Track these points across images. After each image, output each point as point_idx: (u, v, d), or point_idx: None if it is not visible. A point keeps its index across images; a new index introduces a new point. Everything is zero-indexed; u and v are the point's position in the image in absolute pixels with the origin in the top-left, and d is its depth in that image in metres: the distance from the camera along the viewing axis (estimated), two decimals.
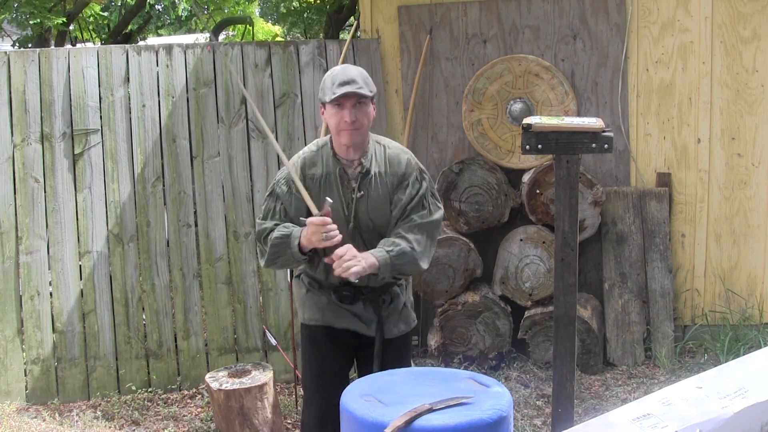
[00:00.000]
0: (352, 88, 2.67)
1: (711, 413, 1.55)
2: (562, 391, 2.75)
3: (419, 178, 2.85)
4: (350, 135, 2.73)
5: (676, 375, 4.41)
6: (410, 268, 2.74)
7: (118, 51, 4.65)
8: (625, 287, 4.68)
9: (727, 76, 4.66)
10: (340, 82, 2.68)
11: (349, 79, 2.69)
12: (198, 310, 4.68)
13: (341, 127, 2.72)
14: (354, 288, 2.80)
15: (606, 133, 2.67)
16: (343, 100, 2.69)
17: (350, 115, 2.69)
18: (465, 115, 4.78)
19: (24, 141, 4.50)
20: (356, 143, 2.77)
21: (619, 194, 4.72)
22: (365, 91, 2.71)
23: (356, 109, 2.70)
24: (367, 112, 2.75)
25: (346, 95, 2.67)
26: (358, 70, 2.77)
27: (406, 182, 2.82)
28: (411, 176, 2.83)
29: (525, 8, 4.77)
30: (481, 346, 4.59)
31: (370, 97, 2.75)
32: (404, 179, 2.82)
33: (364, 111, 2.74)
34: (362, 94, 2.70)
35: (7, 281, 4.46)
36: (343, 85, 2.67)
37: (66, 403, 4.45)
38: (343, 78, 2.69)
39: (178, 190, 4.64)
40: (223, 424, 3.76)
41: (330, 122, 2.76)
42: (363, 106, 2.73)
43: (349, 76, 2.71)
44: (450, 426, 2.03)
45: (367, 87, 2.72)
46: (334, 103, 2.70)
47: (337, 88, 2.68)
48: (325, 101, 2.73)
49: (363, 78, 2.74)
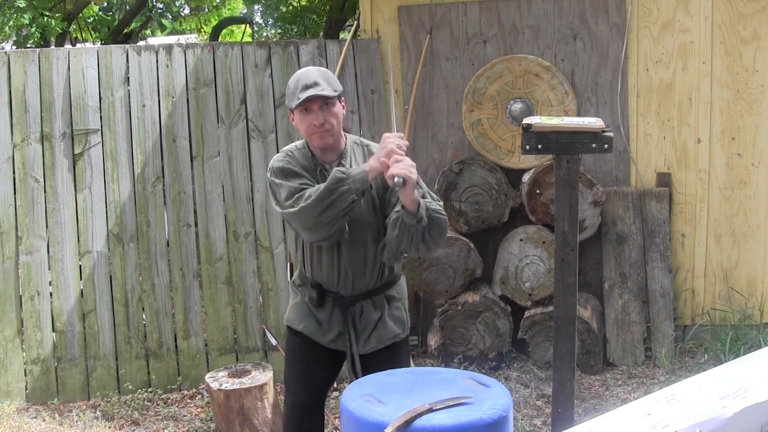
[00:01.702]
0: (315, 91, 2.63)
1: (711, 413, 1.55)
2: (562, 391, 2.75)
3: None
4: (321, 137, 2.69)
5: (676, 375, 4.41)
6: (439, 233, 2.65)
7: (118, 51, 4.65)
8: (625, 287, 4.68)
9: (727, 76, 4.66)
10: (302, 86, 2.65)
11: (311, 82, 2.65)
12: (198, 310, 4.68)
13: (311, 131, 2.69)
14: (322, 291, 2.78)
15: (606, 133, 2.67)
16: (309, 103, 2.65)
17: (318, 117, 2.66)
18: (465, 115, 4.78)
19: (24, 141, 4.50)
20: (329, 144, 2.73)
21: (619, 194, 4.72)
22: (329, 92, 2.66)
23: (323, 111, 2.67)
24: (335, 113, 2.70)
25: (310, 98, 2.64)
26: (320, 71, 2.73)
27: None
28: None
29: (525, 8, 4.77)
30: (481, 346, 4.59)
31: (336, 96, 2.70)
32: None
33: (331, 111, 2.69)
34: (326, 96, 2.66)
35: (7, 281, 4.46)
36: (306, 89, 2.64)
37: (66, 403, 4.46)
38: (306, 81, 2.66)
39: (178, 190, 4.64)
40: (223, 424, 3.76)
41: (300, 127, 2.73)
42: (330, 107, 2.69)
43: (311, 79, 2.67)
44: (450, 426, 2.03)
45: (330, 87, 2.68)
46: (301, 108, 2.67)
47: (300, 92, 2.65)
48: (291, 107, 2.71)
49: (326, 78, 2.69)
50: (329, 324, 2.82)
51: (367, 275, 2.77)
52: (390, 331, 2.83)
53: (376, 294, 2.82)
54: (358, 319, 2.80)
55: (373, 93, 4.83)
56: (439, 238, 2.66)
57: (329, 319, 2.81)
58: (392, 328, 2.83)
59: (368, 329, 2.80)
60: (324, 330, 2.82)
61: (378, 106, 4.83)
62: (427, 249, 2.66)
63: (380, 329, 2.81)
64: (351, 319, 2.79)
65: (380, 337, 2.81)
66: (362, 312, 2.80)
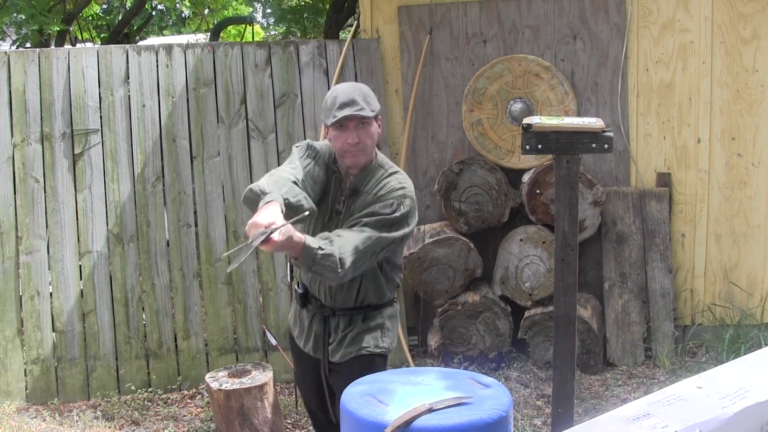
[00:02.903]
0: (352, 110, 2.56)
1: (711, 413, 1.55)
2: (562, 391, 2.75)
3: (401, 202, 2.61)
4: (354, 156, 2.63)
5: (676, 375, 4.41)
6: (328, 277, 2.45)
7: (118, 51, 4.65)
8: (625, 287, 4.68)
9: (727, 76, 4.66)
10: (340, 104, 2.58)
11: (350, 100, 2.58)
12: (198, 310, 4.68)
13: (344, 149, 2.62)
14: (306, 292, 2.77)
15: (606, 133, 2.67)
16: (345, 122, 2.59)
17: (353, 137, 2.59)
18: (465, 115, 4.78)
19: (24, 141, 4.50)
20: (360, 164, 2.67)
21: (619, 194, 4.72)
22: (367, 112, 2.59)
23: (359, 130, 2.60)
24: (370, 133, 2.63)
25: (346, 118, 2.57)
26: (360, 90, 2.65)
27: (386, 200, 2.61)
28: (393, 196, 2.62)
29: (525, 8, 4.77)
30: (481, 346, 4.59)
31: (373, 116, 2.63)
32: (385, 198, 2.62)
33: (367, 131, 2.62)
34: (364, 116, 2.59)
35: (7, 281, 4.46)
36: (344, 107, 2.57)
37: (66, 403, 4.45)
38: (344, 99, 2.59)
39: (178, 190, 4.64)
40: (223, 424, 3.76)
41: (334, 144, 2.66)
42: (366, 126, 2.61)
43: (349, 96, 2.59)
44: (450, 426, 2.03)
45: (369, 107, 2.61)
46: (336, 126, 2.60)
47: (337, 111, 2.58)
48: (327, 125, 2.64)
49: (364, 97, 2.62)
50: (309, 329, 2.80)
51: (344, 291, 2.69)
52: (366, 342, 2.72)
53: (357, 313, 2.73)
54: (334, 328, 2.75)
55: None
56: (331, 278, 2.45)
57: (310, 325, 2.80)
58: (368, 340, 2.72)
59: (344, 339, 2.72)
60: (305, 336, 2.82)
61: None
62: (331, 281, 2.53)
63: (356, 340, 2.71)
64: (329, 327, 2.75)
65: (354, 347, 2.71)
66: (339, 323, 2.74)
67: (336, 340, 2.74)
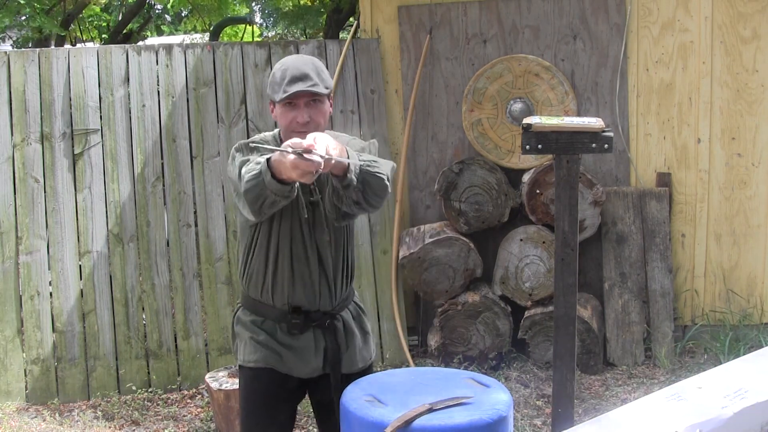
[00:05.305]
0: (305, 85, 2.30)
1: (711, 413, 1.55)
2: (562, 391, 2.75)
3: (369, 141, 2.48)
4: (303, 136, 2.13)
5: (676, 375, 4.41)
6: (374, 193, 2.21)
7: (118, 51, 4.65)
8: (625, 287, 4.68)
9: (727, 76, 4.66)
10: (291, 78, 2.31)
11: (302, 74, 2.32)
12: (198, 310, 4.68)
13: (292, 128, 2.34)
14: (304, 314, 2.43)
15: (606, 133, 2.67)
16: (296, 98, 2.33)
17: (303, 115, 2.33)
18: (465, 115, 4.78)
19: (24, 141, 4.50)
20: None
21: (619, 194, 4.72)
22: (320, 89, 2.33)
23: (310, 107, 2.34)
24: (323, 111, 2.37)
25: (297, 94, 2.32)
26: (313, 63, 2.39)
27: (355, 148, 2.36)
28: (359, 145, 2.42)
29: (525, 8, 4.77)
30: (481, 346, 4.59)
31: (327, 93, 2.37)
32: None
33: (319, 109, 2.36)
34: (317, 92, 2.33)
35: (7, 281, 4.46)
36: (295, 81, 2.31)
37: (66, 403, 4.45)
38: (295, 72, 2.32)
39: (178, 190, 4.64)
40: (223, 424, 3.77)
41: (280, 122, 2.39)
42: (318, 104, 2.35)
43: (301, 70, 2.33)
44: (450, 426, 2.03)
45: (322, 83, 2.34)
46: (285, 102, 2.34)
47: (287, 85, 2.31)
48: (274, 100, 2.37)
49: (317, 71, 2.36)
50: (316, 350, 2.47)
51: (340, 283, 2.49)
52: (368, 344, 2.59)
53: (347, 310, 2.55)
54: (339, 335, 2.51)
55: (373, 93, 4.83)
56: (375, 198, 2.21)
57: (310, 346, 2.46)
58: (368, 340, 2.59)
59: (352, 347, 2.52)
60: (304, 360, 2.47)
61: (378, 106, 4.83)
62: (363, 210, 2.27)
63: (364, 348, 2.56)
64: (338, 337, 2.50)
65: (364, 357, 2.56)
66: (345, 326, 2.52)
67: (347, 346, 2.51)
